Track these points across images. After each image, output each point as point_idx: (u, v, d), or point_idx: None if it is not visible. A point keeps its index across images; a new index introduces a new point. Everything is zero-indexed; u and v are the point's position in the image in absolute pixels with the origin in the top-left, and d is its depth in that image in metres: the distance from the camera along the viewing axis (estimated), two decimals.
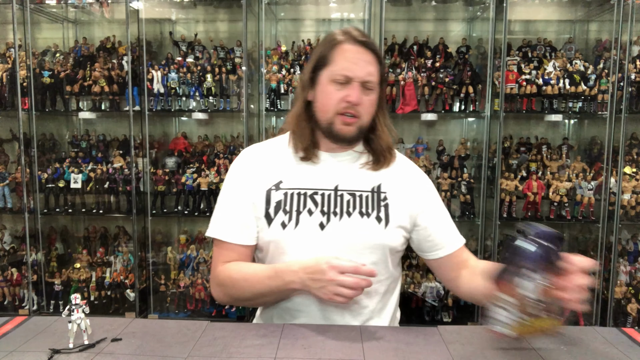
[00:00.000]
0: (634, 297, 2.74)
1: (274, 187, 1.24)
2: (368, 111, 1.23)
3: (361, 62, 1.19)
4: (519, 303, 0.91)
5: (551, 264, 0.91)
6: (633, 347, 1.02)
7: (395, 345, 1.02)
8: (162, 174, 2.96)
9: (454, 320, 2.87)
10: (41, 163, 3.04)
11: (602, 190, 2.78)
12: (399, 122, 3.15)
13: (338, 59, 1.20)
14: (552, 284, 0.91)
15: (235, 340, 1.03)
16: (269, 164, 1.27)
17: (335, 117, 1.21)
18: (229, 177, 1.30)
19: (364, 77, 1.19)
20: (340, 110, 1.20)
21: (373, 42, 1.23)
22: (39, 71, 2.96)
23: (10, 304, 3.01)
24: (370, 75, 1.19)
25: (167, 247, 3.08)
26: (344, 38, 1.20)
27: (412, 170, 1.33)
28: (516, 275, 0.91)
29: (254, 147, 1.35)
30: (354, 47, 1.20)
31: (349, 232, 1.20)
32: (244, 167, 1.29)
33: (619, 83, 2.72)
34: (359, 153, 1.30)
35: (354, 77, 1.18)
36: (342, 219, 1.21)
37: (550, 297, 0.91)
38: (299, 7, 3.18)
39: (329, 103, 1.21)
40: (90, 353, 0.97)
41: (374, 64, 1.20)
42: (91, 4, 3.06)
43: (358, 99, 1.18)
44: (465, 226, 3.11)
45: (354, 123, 1.21)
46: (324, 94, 1.22)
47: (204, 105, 2.97)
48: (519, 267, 0.91)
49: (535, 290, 0.90)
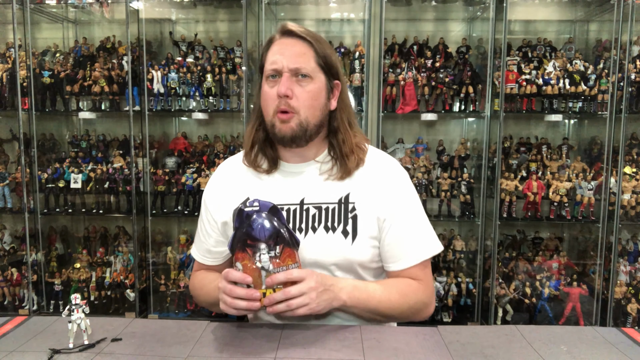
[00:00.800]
0: (634, 297, 2.74)
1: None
2: (306, 103, 1.13)
3: (287, 51, 1.13)
4: (249, 269, 1.00)
5: (276, 234, 1.00)
6: (633, 347, 1.02)
7: (395, 345, 1.02)
8: (162, 174, 2.97)
9: (454, 320, 2.87)
10: (41, 163, 3.04)
11: (602, 190, 2.78)
12: (399, 122, 3.15)
13: (268, 56, 1.16)
14: (277, 255, 1.00)
15: (235, 340, 1.03)
16: (236, 181, 1.25)
17: (274, 118, 1.14)
18: (203, 197, 1.31)
19: (290, 64, 1.12)
20: (277, 108, 1.13)
21: (308, 32, 1.16)
22: (39, 71, 2.96)
23: (10, 304, 3.01)
24: (299, 62, 1.12)
25: (167, 247, 3.08)
26: (275, 36, 1.18)
27: (384, 171, 1.22)
28: (246, 244, 1.00)
29: (225, 164, 1.32)
30: (281, 40, 1.16)
31: (314, 249, 1.15)
32: (213, 187, 1.29)
33: (619, 83, 2.72)
34: (320, 163, 1.22)
35: (281, 68, 1.12)
36: (308, 235, 1.16)
37: (276, 267, 1.00)
38: (299, 7, 3.18)
39: (265, 103, 1.16)
40: (90, 353, 0.96)
41: (305, 50, 1.14)
42: (91, 4, 3.06)
43: (286, 89, 1.11)
44: (465, 226, 3.11)
45: (291, 119, 1.13)
46: (262, 95, 1.17)
47: (204, 105, 2.97)
48: (249, 236, 1.00)
49: (262, 259, 1.00)
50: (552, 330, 1.09)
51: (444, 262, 2.96)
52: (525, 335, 1.07)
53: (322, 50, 1.16)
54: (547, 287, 2.77)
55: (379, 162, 1.24)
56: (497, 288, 2.80)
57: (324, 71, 1.16)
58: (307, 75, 1.13)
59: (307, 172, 1.22)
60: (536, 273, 2.84)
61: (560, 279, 2.80)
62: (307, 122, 1.14)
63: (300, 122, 1.14)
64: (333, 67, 1.19)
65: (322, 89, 1.17)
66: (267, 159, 1.23)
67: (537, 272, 2.85)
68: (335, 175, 1.19)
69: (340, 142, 1.20)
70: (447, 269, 2.95)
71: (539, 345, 1.02)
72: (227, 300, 1.01)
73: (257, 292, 1.00)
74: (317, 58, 1.15)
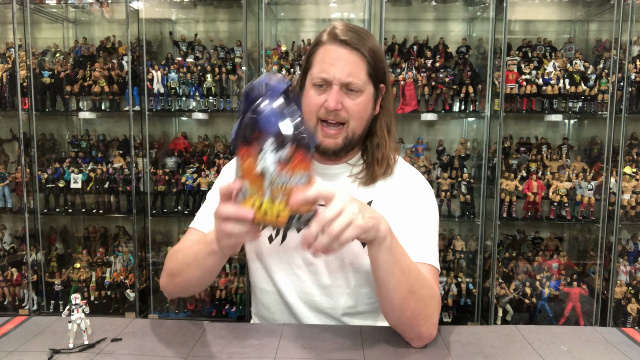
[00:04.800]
0: (634, 297, 2.74)
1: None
2: (356, 116, 1.11)
3: (340, 62, 1.09)
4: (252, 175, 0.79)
5: None
6: (633, 347, 1.02)
7: (395, 345, 1.02)
8: (162, 174, 2.96)
9: (454, 320, 2.87)
10: (41, 163, 3.04)
11: (602, 190, 2.78)
12: (399, 122, 3.15)
13: (317, 61, 1.12)
14: (285, 158, 0.77)
15: (235, 340, 1.03)
16: None
17: (317, 126, 1.12)
18: (220, 180, 1.25)
19: (342, 78, 1.08)
20: (321, 116, 1.11)
21: (360, 38, 1.11)
22: (39, 71, 2.95)
23: (10, 304, 3.01)
24: (351, 76, 1.09)
25: (167, 247, 3.08)
26: (327, 38, 1.12)
27: (410, 184, 1.19)
28: (251, 136, 0.78)
29: None
30: (333, 47, 1.10)
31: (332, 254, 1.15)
32: (227, 173, 1.26)
33: (619, 83, 2.72)
34: (352, 166, 1.19)
35: (332, 80, 1.09)
36: None
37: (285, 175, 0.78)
38: (299, 7, 3.18)
39: (309, 109, 1.12)
40: (90, 353, 0.96)
41: (357, 63, 1.10)
42: (91, 4, 3.06)
43: (336, 103, 1.08)
44: (465, 226, 3.11)
45: (339, 134, 1.11)
46: (306, 99, 1.13)
47: (204, 105, 2.97)
48: (253, 125, 0.78)
49: (266, 160, 0.78)
50: (552, 330, 1.09)
51: (444, 262, 2.96)
52: (525, 335, 1.07)
53: (374, 60, 1.11)
54: (547, 287, 2.76)
55: (407, 175, 1.21)
56: (497, 288, 2.80)
57: (373, 82, 1.13)
58: (357, 90, 1.10)
59: (336, 175, 1.19)
60: (536, 273, 2.84)
61: (560, 279, 2.80)
62: (353, 134, 1.13)
63: (347, 135, 1.12)
64: (382, 74, 1.15)
65: (370, 100, 1.14)
66: None
67: (537, 272, 2.85)
68: (361, 180, 1.17)
69: (374, 147, 1.17)
70: (447, 269, 2.95)
71: (539, 345, 1.02)
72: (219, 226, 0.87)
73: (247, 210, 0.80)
74: (369, 69, 1.11)
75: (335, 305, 1.18)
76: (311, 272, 1.18)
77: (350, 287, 1.17)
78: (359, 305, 1.19)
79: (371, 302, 1.20)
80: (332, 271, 1.17)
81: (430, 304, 1.02)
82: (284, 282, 1.20)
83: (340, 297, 1.18)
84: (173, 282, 1.13)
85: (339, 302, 1.18)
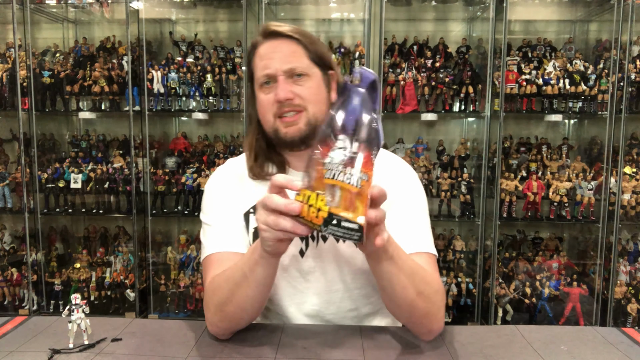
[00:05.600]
0: (634, 297, 2.74)
1: (253, 210, 1.13)
2: (312, 100, 1.08)
3: (277, 53, 1.07)
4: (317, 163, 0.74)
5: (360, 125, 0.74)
6: (633, 347, 1.02)
7: (395, 345, 1.02)
8: (162, 174, 2.96)
9: (454, 320, 2.87)
10: (41, 163, 3.04)
11: (602, 190, 2.78)
12: (399, 122, 3.15)
13: (257, 63, 1.10)
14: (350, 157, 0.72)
15: (235, 340, 1.03)
16: (245, 183, 1.16)
17: (276, 123, 1.09)
18: (207, 201, 1.18)
19: (284, 66, 1.06)
20: (277, 113, 1.08)
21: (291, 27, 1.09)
22: (39, 71, 2.95)
23: (10, 304, 3.01)
24: (292, 62, 1.06)
25: (167, 247, 3.08)
26: (259, 38, 1.10)
27: (394, 171, 1.17)
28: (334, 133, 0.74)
29: (227, 166, 1.23)
30: (267, 43, 1.09)
31: (325, 257, 1.11)
32: (218, 188, 1.19)
33: (619, 83, 2.72)
34: None
35: (275, 72, 1.06)
36: (319, 244, 1.11)
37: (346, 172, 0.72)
38: (299, 7, 3.18)
39: (263, 111, 1.09)
40: (90, 353, 0.96)
41: (294, 48, 1.07)
42: (91, 4, 3.06)
43: (286, 92, 1.05)
44: (465, 226, 3.11)
45: (299, 119, 1.07)
46: (258, 104, 1.11)
47: (204, 105, 2.97)
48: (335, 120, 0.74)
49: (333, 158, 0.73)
50: (552, 330, 1.09)
51: (444, 262, 2.96)
52: (525, 335, 1.07)
53: (311, 44, 1.09)
54: (547, 287, 2.77)
55: (388, 163, 1.18)
56: (497, 288, 2.80)
57: (318, 65, 1.10)
58: (303, 73, 1.07)
59: None
60: (536, 273, 2.84)
61: (560, 279, 2.80)
62: (315, 120, 1.08)
63: (309, 120, 1.07)
64: (325, 58, 1.12)
65: (321, 83, 1.11)
66: (275, 164, 1.16)
67: (537, 272, 2.85)
68: None
69: None
70: (447, 269, 2.95)
71: (539, 345, 1.02)
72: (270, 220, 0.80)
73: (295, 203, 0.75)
74: (309, 53, 1.08)
75: (337, 311, 1.16)
76: (307, 281, 1.15)
77: (349, 290, 1.16)
78: (360, 307, 1.18)
79: (371, 303, 1.19)
80: (329, 278, 1.14)
81: (437, 300, 1.01)
82: (281, 297, 1.17)
83: (342, 302, 1.16)
84: (224, 315, 1.00)
85: (340, 308, 1.16)
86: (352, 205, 0.71)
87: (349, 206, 0.71)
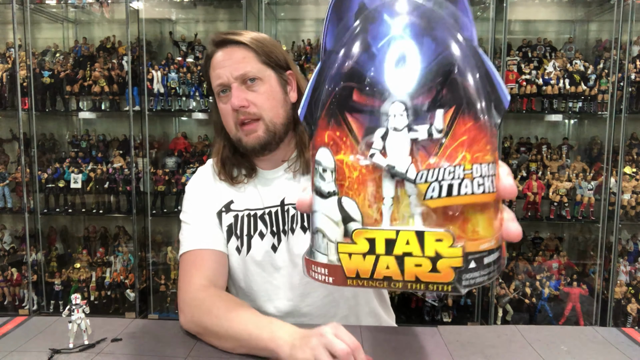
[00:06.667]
0: (634, 297, 2.74)
1: (224, 209, 1.17)
2: (266, 107, 1.09)
3: (227, 61, 1.08)
4: None
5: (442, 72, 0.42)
6: (633, 347, 1.02)
7: (395, 345, 1.01)
8: (162, 174, 2.96)
9: (454, 320, 2.87)
10: (41, 163, 3.04)
11: (602, 190, 2.78)
12: None
13: (211, 73, 1.12)
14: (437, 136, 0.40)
15: None
16: (217, 184, 1.19)
17: (238, 133, 1.11)
18: (186, 201, 1.21)
19: (235, 73, 1.07)
20: (238, 121, 1.09)
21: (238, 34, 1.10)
22: (39, 71, 2.95)
23: (10, 304, 3.01)
24: (243, 68, 1.07)
25: (167, 247, 3.08)
26: (210, 49, 1.12)
27: None
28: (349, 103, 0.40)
29: (205, 167, 1.25)
30: (217, 53, 1.10)
31: (295, 251, 1.12)
32: (195, 188, 1.22)
33: (619, 83, 2.72)
34: (292, 162, 1.16)
35: (227, 81, 1.08)
36: (289, 237, 1.13)
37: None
38: (299, 7, 3.18)
39: (225, 120, 1.12)
40: (90, 353, 0.96)
41: (244, 54, 1.08)
42: (91, 4, 3.06)
43: (239, 100, 1.06)
44: None
45: (257, 127, 1.09)
46: (220, 113, 1.13)
47: (204, 105, 2.97)
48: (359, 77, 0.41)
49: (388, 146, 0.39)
50: (552, 330, 1.09)
51: None
52: (525, 335, 1.07)
53: (261, 47, 1.09)
54: (547, 287, 2.77)
55: None
56: (497, 288, 2.80)
57: (271, 67, 1.11)
58: (255, 77, 1.08)
59: (282, 176, 1.18)
60: (536, 273, 2.84)
61: (560, 279, 2.80)
62: (273, 125, 1.10)
63: (267, 127, 1.09)
64: (279, 59, 1.12)
65: (276, 86, 1.12)
66: (244, 168, 1.19)
67: (537, 272, 2.85)
68: (299, 170, 1.15)
69: (300, 134, 1.15)
70: None
71: (539, 345, 1.02)
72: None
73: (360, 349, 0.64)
74: (259, 57, 1.09)
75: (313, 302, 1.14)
76: (282, 276, 1.15)
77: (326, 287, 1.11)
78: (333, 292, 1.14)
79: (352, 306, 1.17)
80: (300, 270, 1.12)
81: None
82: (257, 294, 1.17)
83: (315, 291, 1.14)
84: (201, 335, 1.01)
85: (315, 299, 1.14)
86: (490, 227, 0.40)
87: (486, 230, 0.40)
